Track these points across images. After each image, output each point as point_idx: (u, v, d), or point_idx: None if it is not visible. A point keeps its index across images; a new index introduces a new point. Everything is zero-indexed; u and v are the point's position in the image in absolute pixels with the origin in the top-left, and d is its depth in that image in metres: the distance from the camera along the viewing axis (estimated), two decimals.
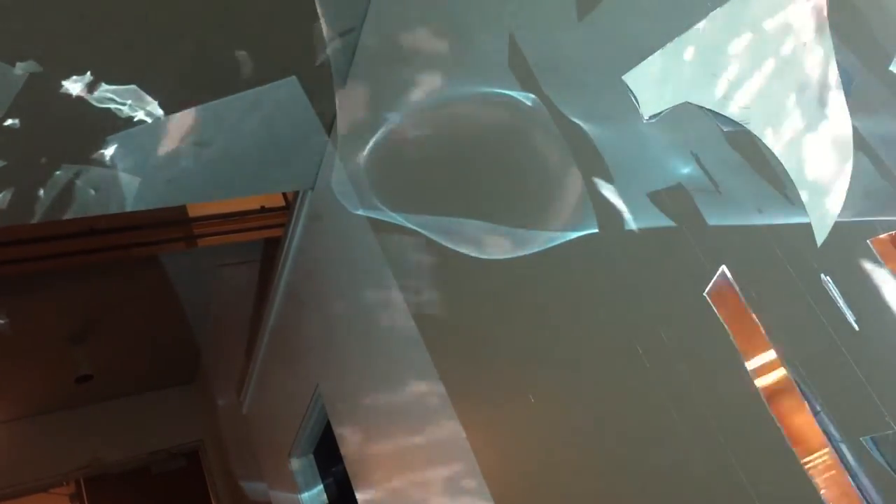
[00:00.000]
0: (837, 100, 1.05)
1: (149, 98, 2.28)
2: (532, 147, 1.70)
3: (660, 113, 1.31)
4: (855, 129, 1.04)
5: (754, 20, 1.14)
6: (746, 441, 1.28)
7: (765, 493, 1.26)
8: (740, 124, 1.18)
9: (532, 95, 1.66)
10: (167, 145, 2.48)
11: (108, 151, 2.39)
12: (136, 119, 2.33)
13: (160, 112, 2.34)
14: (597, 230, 1.55)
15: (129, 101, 2.27)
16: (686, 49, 1.24)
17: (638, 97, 1.33)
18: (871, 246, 1.04)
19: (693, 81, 1.25)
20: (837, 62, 1.04)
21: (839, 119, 1.05)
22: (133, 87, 2.24)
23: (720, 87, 1.20)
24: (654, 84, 1.31)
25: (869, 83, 1.02)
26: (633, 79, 1.34)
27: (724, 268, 1.25)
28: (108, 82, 2.19)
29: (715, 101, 1.21)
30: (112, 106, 2.26)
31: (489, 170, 1.89)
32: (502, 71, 1.73)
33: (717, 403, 1.33)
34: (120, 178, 2.51)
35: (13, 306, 4.54)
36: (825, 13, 1.05)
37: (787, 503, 1.23)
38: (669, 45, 1.26)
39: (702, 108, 1.23)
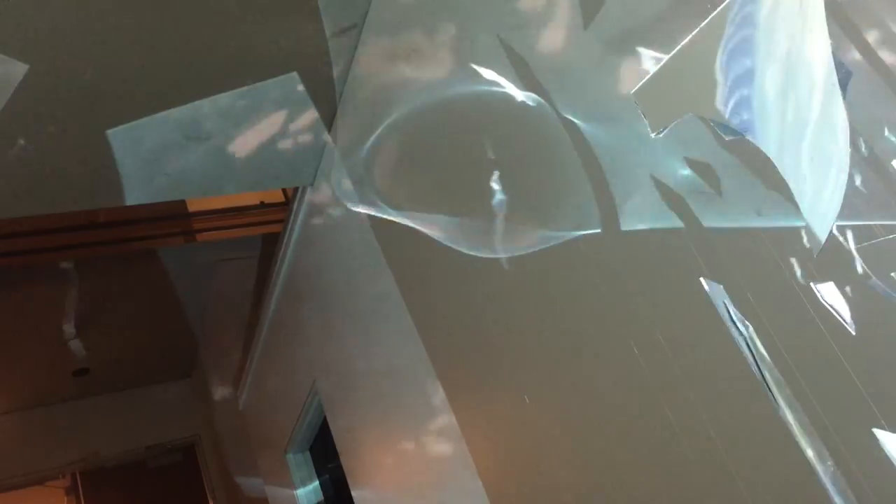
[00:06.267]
0: (835, 99, 1.05)
1: None
2: (531, 147, 1.70)
3: (667, 127, 1.31)
4: (852, 130, 1.04)
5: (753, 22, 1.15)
6: (743, 441, 1.28)
7: (760, 493, 1.26)
8: (740, 132, 1.18)
9: (533, 95, 1.66)
10: (167, 140, 2.48)
11: (109, 144, 2.39)
12: None
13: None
14: (596, 231, 1.55)
15: None
16: (687, 57, 1.24)
17: (645, 113, 1.33)
18: (869, 249, 1.04)
19: (695, 91, 1.25)
20: (835, 60, 1.04)
21: (837, 119, 1.05)
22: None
23: (720, 94, 1.21)
24: (661, 98, 1.31)
25: (867, 82, 1.02)
26: (640, 94, 1.34)
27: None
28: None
29: (715, 109, 1.21)
30: None
31: (487, 168, 1.89)
32: (503, 70, 1.73)
33: (712, 403, 1.34)
34: (119, 172, 2.52)
35: (12, 298, 4.55)
36: (822, 12, 1.05)
37: (783, 502, 1.23)
38: (672, 55, 1.26)
39: (702, 117, 1.23)
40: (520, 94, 1.70)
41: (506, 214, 1.86)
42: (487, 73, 1.79)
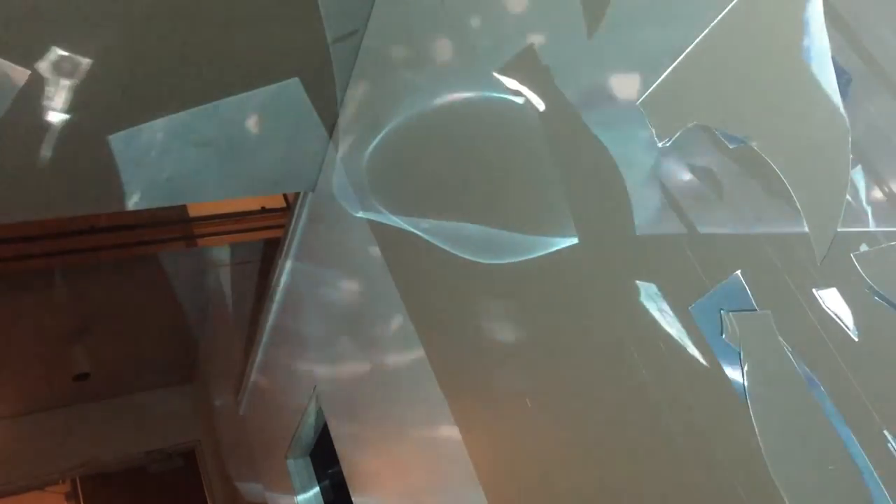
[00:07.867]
0: (836, 104, 1.05)
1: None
2: (532, 151, 1.70)
3: (673, 137, 1.30)
4: (853, 136, 1.04)
5: (752, 27, 1.15)
6: (744, 444, 1.28)
7: (761, 495, 1.26)
8: (743, 140, 1.18)
9: (534, 99, 1.66)
10: (168, 144, 2.49)
11: (110, 149, 2.40)
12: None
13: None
14: (596, 235, 1.55)
15: None
16: (690, 65, 1.24)
17: (652, 122, 1.33)
18: (872, 256, 1.04)
19: (698, 99, 1.25)
20: (835, 64, 1.04)
21: (837, 124, 1.05)
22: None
23: (722, 101, 1.21)
24: (666, 107, 1.31)
25: (867, 87, 1.02)
26: (647, 105, 1.34)
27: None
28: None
29: (717, 116, 1.21)
30: None
31: (489, 173, 1.89)
32: (505, 75, 1.73)
33: (714, 407, 1.33)
34: (121, 177, 2.52)
35: (13, 303, 4.55)
36: (822, 15, 1.05)
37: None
38: (675, 65, 1.26)
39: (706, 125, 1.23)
40: (522, 99, 1.70)
41: (508, 219, 1.85)
42: (489, 78, 1.79)
